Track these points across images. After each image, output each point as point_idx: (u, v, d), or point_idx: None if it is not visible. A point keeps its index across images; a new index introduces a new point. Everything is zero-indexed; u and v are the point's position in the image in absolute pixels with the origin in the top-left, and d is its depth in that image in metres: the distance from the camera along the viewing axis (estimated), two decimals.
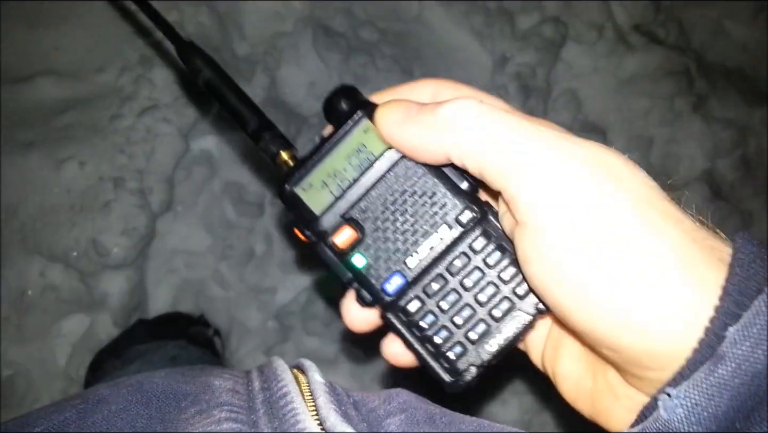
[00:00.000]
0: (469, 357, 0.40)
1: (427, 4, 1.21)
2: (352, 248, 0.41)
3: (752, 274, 0.30)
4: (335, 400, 0.35)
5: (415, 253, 0.41)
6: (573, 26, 1.24)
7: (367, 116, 0.41)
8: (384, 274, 0.41)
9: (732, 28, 1.28)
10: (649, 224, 0.31)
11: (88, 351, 1.00)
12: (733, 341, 0.29)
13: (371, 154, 0.41)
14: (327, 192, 0.41)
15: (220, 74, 0.46)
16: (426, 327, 0.41)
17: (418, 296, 0.41)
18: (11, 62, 1.05)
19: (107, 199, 1.01)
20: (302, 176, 0.42)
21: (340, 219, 0.41)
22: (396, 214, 0.41)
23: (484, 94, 0.41)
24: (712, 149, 1.24)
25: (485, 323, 0.40)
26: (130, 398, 0.38)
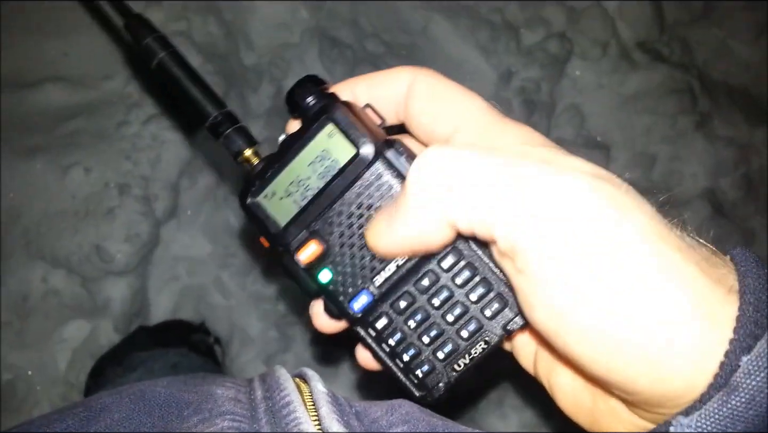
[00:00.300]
0: (437, 375, 0.40)
1: (434, 18, 1.22)
2: (318, 262, 0.39)
3: (764, 301, 0.29)
4: (338, 410, 0.35)
5: (382, 271, 0.39)
6: (578, 43, 1.25)
7: (330, 119, 0.38)
8: (351, 291, 0.39)
9: (736, 47, 1.29)
10: (659, 261, 0.30)
11: (89, 357, 1.00)
12: (747, 372, 0.29)
13: (336, 161, 0.38)
14: (291, 201, 0.39)
15: (175, 55, 0.42)
16: (394, 345, 0.40)
17: (387, 312, 0.40)
18: (19, 68, 1.06)
19: (112, 205, 1.01)
20: (265, 184, 0.39)
21: (305, 232, 0.39)
22: (363, 230, 0.38)
23: (460, 90, 0.38)
24: (714, 167, 1.25)
25: (453, 343, 0.39)
26: (133, 407, 0.38)
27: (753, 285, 0.30)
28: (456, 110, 0.37)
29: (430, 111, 0.38)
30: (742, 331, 0.29)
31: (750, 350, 0.29)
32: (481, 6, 1.24)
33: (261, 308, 1.11)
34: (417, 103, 0.38)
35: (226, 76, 1.12)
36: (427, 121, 0.38)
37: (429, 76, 0.39)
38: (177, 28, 1.09)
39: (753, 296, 0.29)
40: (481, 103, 0.37)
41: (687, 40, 1.29)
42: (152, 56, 0.41)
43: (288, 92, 0.40)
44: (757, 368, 0.29)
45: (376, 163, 0.37)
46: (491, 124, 0.37)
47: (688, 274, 0.30)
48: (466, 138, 0.37)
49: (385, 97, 0.40)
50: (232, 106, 1.20)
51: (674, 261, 0.30)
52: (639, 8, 1.27)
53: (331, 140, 0.38)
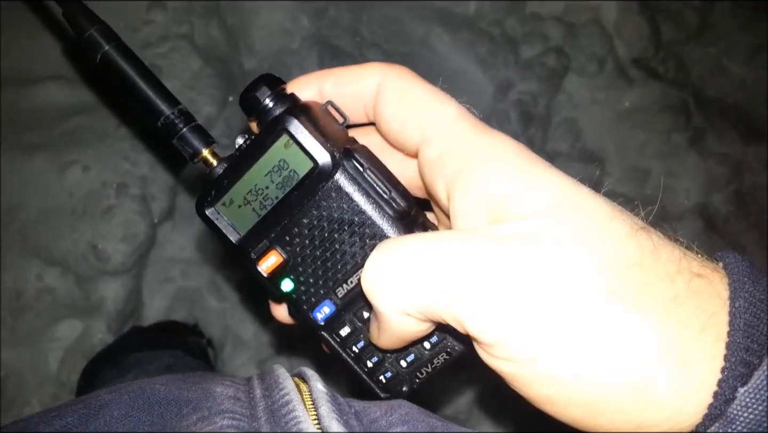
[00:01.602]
0: (401, 381, 0.40)
1: (434, 30, 1.23)
2: (280, 272, 0.38)
3: (756, 325, 0.28)
4: (337, 409, 0.35)
5: (344, 284, 0.38)
6: (575, 58, 1.26)
7: (285, 131, 0.36)
8: (313, 301, 0.39)
9: (730, 66, 1.30)
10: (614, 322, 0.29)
11: (81, 356, 0.99)
12: (745, 405, 0.28)
13: (294, 172, 0.36)
14: (250, 210, 0.37)
15: (121, 48, 0.38)
16: (357, 351, 0.40)
17: (350, 320, 0.39)
18: (21, 65, 1.06)
19: (109, 204, 1.01)
20: (222, 192, 0.37)
21: (265, 242, 0.38)
22: (324, 243, 0.37)
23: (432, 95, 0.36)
24: (707, 183, 1.26)
25: (416, 352, 0.39)
26: (132, 404, 0.38)
27: (743, 306, 0.29)
28: (426, 119, 0.35)
29: (399, 118, 0.36)
30: (734, 358, 0.28)
31: (744, 378, 0.28)
32: (481, 19, 1.25)
33: (255, 312, 1.11)
34: (386, 109, 0.37)
35: (226, 80, 1.12)
36: (397, 128, 0.37)
37: (399, 76, 0.37)
38: (179, 31, 1.09)
39: (743, 319, 0.28)
40: (453, 111, 0.35)
41: (682, 58, 1.30)
42: (96, 49, 0.37)
43: (242, 94, 0.38)
44: (755, 401, 0.28)
45: (335, 175, 0.36)
46: (461, 139, 0.34)
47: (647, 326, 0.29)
48: (433, 153, 0.35)
49: (353, 95, 0.38)
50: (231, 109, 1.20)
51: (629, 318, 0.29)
52: (636, 25, 1.28)
53: (287, 151, 0.36)
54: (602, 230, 0.30)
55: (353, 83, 0.38)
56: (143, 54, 1.08)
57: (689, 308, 0.29)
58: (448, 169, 0.34)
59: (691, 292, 0.29)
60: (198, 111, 1.08)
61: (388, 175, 0.37)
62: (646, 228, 0.31)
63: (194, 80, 1.08)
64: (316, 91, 0.39)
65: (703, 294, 0.29)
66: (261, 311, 1.12)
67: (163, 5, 1.10)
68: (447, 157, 0.34)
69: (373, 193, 0.36)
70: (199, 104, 1.09)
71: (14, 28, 1.06)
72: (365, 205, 0.36)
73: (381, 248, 0.33)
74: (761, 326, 0.28)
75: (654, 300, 0.29)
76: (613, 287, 0.29)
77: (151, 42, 1.09)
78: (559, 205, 0.31)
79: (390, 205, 0.36)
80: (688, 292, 0.29)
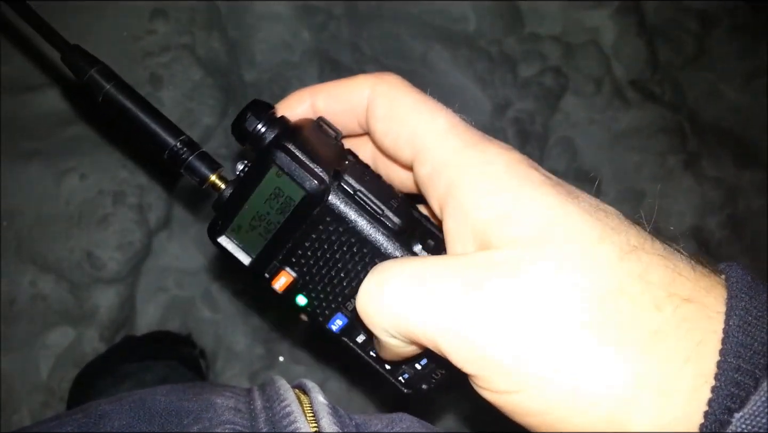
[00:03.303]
0: (420, 379, 0.41)
1: (434, 47, 1.24)
2: (293, 289, 0.39)
3: (748, 343, 0.27)
4: (338, 422, 0.36)
5: (353, 299, 0.39)
6: (573, 78, 1.28)
7: (273, 163, 0.36)
8: (327, 314, 0.40)
9: (726, 91, 1.32)
10: (591, 359, 0.28)
11: (72, 364, 0.98)
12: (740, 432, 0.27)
13: (290, 198, 0.37)
14: (257, 234, 0.39)
15: (122, 86, 0.39)
16: (375, 355, 0.41)
17: (366, 329, 0.40)
18: (20, 72, 1.06)
19: (106, 212, 1.01)
20: (228, 221, 0.39)
21: (275, 263, 0.39)
22: (328, 262, 0.38)
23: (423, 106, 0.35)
24: (701, 206, 1.27)
25: (429, 356, 0.40)
26: (133, 415, 0.38)
27: (737, 325, 0.28)
28: (415, 135, 0.34)
29: (390, 133, 0.36)
30: (723, 378, 0.27)
31: (737, 399, 0.27)
32: (480, 38, 1.26)
33: (248, 324, 1.11)
34: (377, 124, 0.36)
35: (226, 92, 1.13)
36: (389, 144, 0.36)
37: (388, 88, 0.36)
38: (181, 41, 1.10)
39: (735, 340, 0.27)
40: (443, 124, 0.34)
41: (678, 82, 1.32)
42: (98, 90, 0.39)
43: (232, 125, 0.38)
44: (753, 427, 0.26)
45: (327, 199, 0.37)
46: (451, 155, 0.33)
47: (628, 355, 0.28)
48: (425, 170, 0.34)
49: (345, 110, 0.38)
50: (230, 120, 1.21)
51: (607, 353, 0.28)
52: (633, 48, 1.30)
53: (280, 179, 0.37)
54: (587, 256, 0.29)
55: (344, 98, 0.38)
56: (144, 63, 1.09)
57: (673, 339, 0.28)
58: (438, 189, 0.33)
59: (678, 320, 0.28)
60: (197, 121, 1.08)
61: (380, 193, 0.38)
62: (637, 248, 0.30)
63: (194, 91, 1.09)
64: (308, 107, 0.39)
65: (691, 321, 0.28)
66: (254, 322, 1.11)
67: (165, 15, 1.10)
68: (437, 176, 0.33)
69: (365, 213, 0.37)
70: (199, 115, 1.09)
71: (11, 35, 1.06)
72: (360, 226, 0.37)
73: (371, 273, 0.34)
74: (755, 345, 0.27)
75: (635, 331, 0.28)
76: (593, 318, 0.28)
77: (152, 51, 1.09)
78: (545, 232, 0.30)
79: (383, 224, 0.37)
80: (674, 320, 0.28)
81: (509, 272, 0.30)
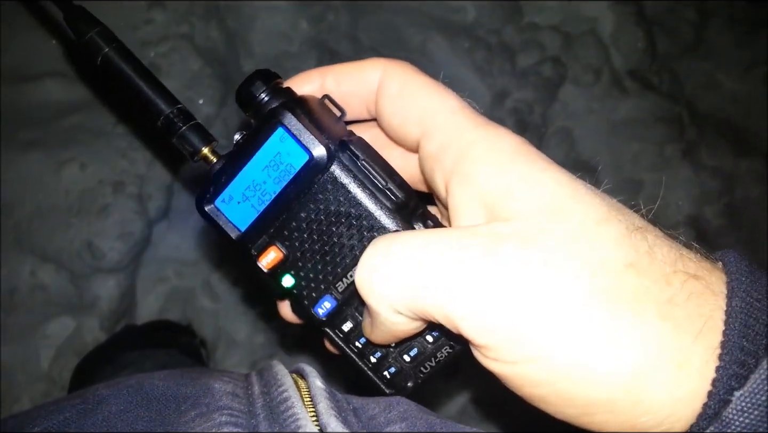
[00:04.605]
0: (405, 376, 0.40)
1: (432, 37, 1.24)
2: (280, 267, 0.38)
3: (751, 324, 0.28)
4: (335, 406, 0.36)
5: (344, 278, 0.38)
6: (571, 67, 1.27)
7: (280, 124, 0.36)
8: (314, 296, 0.39)
9: (724, 80, 1.32)
10: (608, 325, 0.29)
11: (73, 354, 0.99)
12: (740, 409, 0.27)
13: (290, 166, 0.36)
14: (249, 206, 0.38)
15: (121, 50, 0.39)
16: (361, 346, 0.40)
17: (352, 315, 0.39)
18: (19, 61, 1.06)
19: (106, 202, 1.01)
20: (220, 189, 0.38)
21: (265, 238, 0.38)
22: (323, 237, 0.37)
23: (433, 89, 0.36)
24: (699, 196, 1.27)
25: (419, 346, 0.39)
26: (130, 399, 0.38)
27: (740, 306, 0.28)
28: (425, 112, 0.35)
29: (399, 112, 0.36)
30: (728, 358, 0.28)
31: (740, 379, 0.27)
32: (479, 27, 1.26)
33: (248, 313, 1.11)
34: (387, 102, 0.37)
35: (225, 81, 1.13)
36: (398, 122, 0.37)
37: (401, 70, 0.37)
38: (179, 31, 1.10)
39: (739, 319, 0.28)
40: (454, 104, 0.35)
41: (676, 71, 1.32)
42: (96, 52, 0.38)
43: (238, 89, 0.38)
44: (752, 405, 0.27)
45: (331, 167, 0.36)
46: (459, 132, 0.34)
47: (642, 327, 0.28)
48: (433, 146, 0.35)
49: (354, 90, 0.38)
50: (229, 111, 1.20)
51: (624, 319, 0.29)
52: (632, 37, 1.30)
53: (283, 144, 0.36)
54: (597, 230, 0.30)
55: (354, 78, 0.38)
56: (143, 53, 1.09)
57: (684, 311, 0.29)
58: (445, 164, 0.34)
59: (686, 294, 0.29)
60: (196, 111, 1.08)
61: (385, 167, 0.37)
62: (642, 228, 0.31)
63: (193, 80, 1.08)
64: (317, 87, 0.39)
65: (698, 297, 0.29)
66: (254, 312, 1.12)
67: (163, 5, 1.10)
68: (445, 151, 0.34)
69: (369, 184, 0.36)
70: (198, 105, 1.09)
71: (13, 25, 1.06)
72: (361, 197, 0.36)
73: (374, 244, 0.33)
74: (758, 326, 0.28)
75: (648, 302, 0.29)
76: (607, 289, 0.29)
77: (150, 41, 1.09)
78: (554, 205, 0.31)
79: (387, 196, 0.36)
80: (683, 294, 0.29)
81: (523, 243, 0.30)
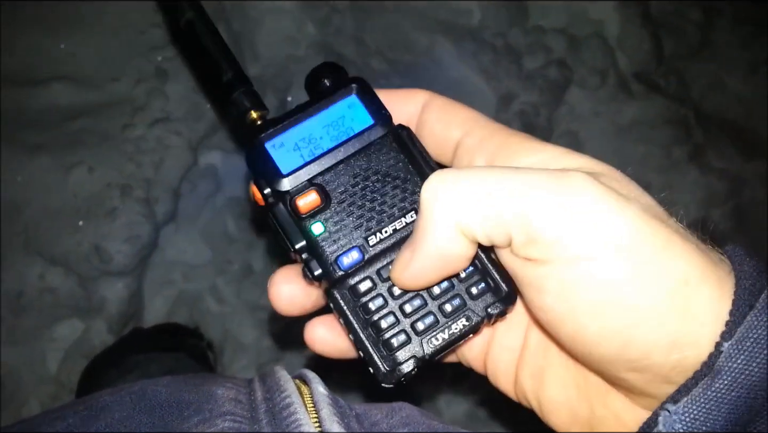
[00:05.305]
0: (412, 348, 0.39)
1: (438, 40, 1.24)
2: (314, 214, 0.39)
3: (749, 286, 0.31)
4: (338, 412, 0.36)
5: (378, 233, 0.39)
6: (577, 70, 1.27)
7: (355, 91, 0.41)
8: (342, 246, 0.39)
9: (730, 82, 1.31)
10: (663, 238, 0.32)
11: (81, 357, 1.00)
12: (728, 356, 0.30)
13: (351, 129, 0.40)
14: (298, 155, 0.40)
15: (203, 16, 0.46)
16: (373, 309, 0.39)
17: (371, 277, 0.39)
18: (28, 65, 1.07)
19: (113, 206, 1.02)
20: (275, 134, 0.40)
21: (306, 182, 0.39)
22: (365, 191, 0.39)
23: (470, 108, 0.42)
24: (706, 198, 1.27)
25: (434, 316, 0.39)
26: (133, 406, 0.38)
27: (749, 271, 0.32)
28: (468, 119, 0.41)
29: (444, 119, 0.41)
30: (737, 313, 0.30)
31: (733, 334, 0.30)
32: (485, 30, 1.26)
33: (255, 317, 1.11)
34: (433, 114, 0.42)
35: None
36: (441, 128, 0.41)
37: (443, 98, 0.42)
38: None
39: (748, 281, 0.31)
40: (488, 118, 0.41)
41: (683, 73, 1.31)
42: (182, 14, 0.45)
43: (310, 73, 0.42)
44: (738, 351, 0.30)
45: (389, 137, 0.40)
46: (499, 129, 0.40)
47: (690, 247, 0.32)
48: (475, 138, 0.40)
49: (399, 111, 0.43)
50: None
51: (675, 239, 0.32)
52: (638, 40, 1.29)
53: (350, 110, 0.41)
54: (639, 190, 0.36)
55: (402, 101, 0.43)
56: (150, 57, 1.09)
57: (713, 257, 0.33)
58: (488, 148, 0.39)
59: (710, 249, 0.34)
60: (203, 115, 1.09)
61: (430, 156, 0.41)
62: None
63: None
64: None
65: (720, 254, 0.34)
66: (261, 315, 1.12)
67: None
68: (488, 140, 0.39)
69: (419, 160, 0.40)
70: (204, 109, 1.10)
71: (20, 28, 1.07)
72: (413, 164, 0.40)
73: (438, 172, 0.35)
74: (756, 284, 0.32)
75: (690, 238, 0.33)
76: (659, 216, 0.33)
77: (157, 45, 1.10)
78: (598, 167, 0.37)
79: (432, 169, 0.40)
80: (707, 247, 0.34)
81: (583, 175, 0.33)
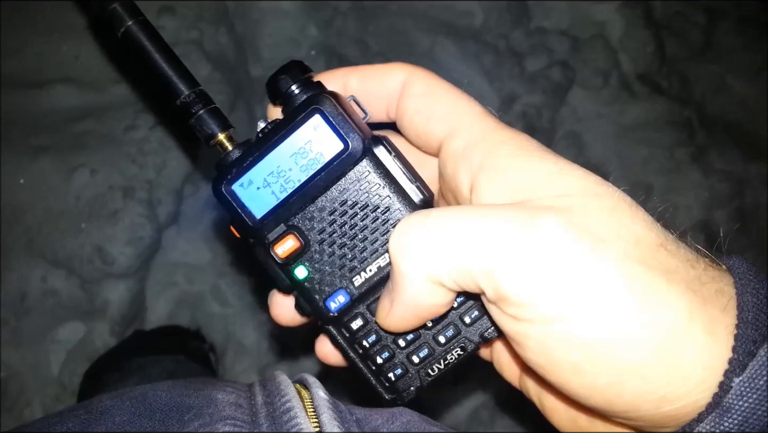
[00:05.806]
0: (410, 379, 0.39)
1: (440, 41, 1.24)
2: (295, 258, 0.37)
3: (759, 316, 0.29)
4: (338, 417, 0.36)
5: (363, 272, 0.37)
6: (580, 72, 1.27)
7: (318, 111, 0.36)
8: (327, 290, 0.38)
9: (733, 83, 1.31)
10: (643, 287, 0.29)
11: (84, 359, 1.00)
12: (739, 394, 0.28)
13: (320, 155, 0.36)
14: (269, 193, 0.37)
15: (145, 25, 0.37)
16: (368, 346, 0.39)
17: (362, 314, 0.39)
18: (31, 68, 1.07)
19: (116, 208, 1.02)
20: (242, 172, 0.37)
21: (282, 226, 0.37)
22: (345, 228, 0.37)
23: (457, 93, 0.37)
24: (709, 200, 1.26)
25: (429, 347, 0.38)
26: (134, 410, 0.38)
27: (751, 301, 0.30)
28: (452, 113, 0.37)
29: (424, 110, 0.37)
30: (741, 350, 0.29)
31: (745, 368, 0.28)
32: (487, 32, 1.26)
33: (257, 319, 1.11)
34: (412, 102, 0.38)
35: (234, 87, 1.13)
36: (421, 121, 0.37)
37: (425, 75, 0.38)
38: (189, 37, 1.10)
39: (751, 313, 0.29)
40: (477, 108, 0.37)
41: (686, 75, 1.31)
42: (118, 24, 0.37)
43: (271, 78, 0.38)
44: (750, 389, 0.28)
45: (363, 160, 0.36)
46: (487, 132, 0.36)
47: (678, 289, 0.30)
48: (459, 144, 0.36)
49: (377, 92, 0.39)
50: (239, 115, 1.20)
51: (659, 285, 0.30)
52: (641, 41, 1.29)
53: (316, 133, 0.36)
54: (631, 212, 0.32)
55: (379, 79, 0.39)
56: None
57: (710, 290, 0.30)
58: (473, 160, 0.35)
59: (710, 277, 0.31)
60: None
61: (410, 166, 0.38)
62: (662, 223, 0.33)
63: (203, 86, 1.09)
64: (340, 86, 0.40)
65: (719, 281, 0.31)
66: (263, 317, 1.12)
67: (173, 11, 1.11)
68: (473, 149, 0.35)
69: (399, 179, 0.36)
70: None
71: (24, 31, 1.07)
72: (391, 191, 0.36)
73: (408, 217, 0.33)
74: (762, 317, 0.30)
75: (679, 277, 0.30)
76: (643, 259, 0.30)
77: None
78: (590, 189, 0.33)
79: (415, 192, 0.37)
80: (707, 276, 0.31)
81: (562, 213, 0.31)
